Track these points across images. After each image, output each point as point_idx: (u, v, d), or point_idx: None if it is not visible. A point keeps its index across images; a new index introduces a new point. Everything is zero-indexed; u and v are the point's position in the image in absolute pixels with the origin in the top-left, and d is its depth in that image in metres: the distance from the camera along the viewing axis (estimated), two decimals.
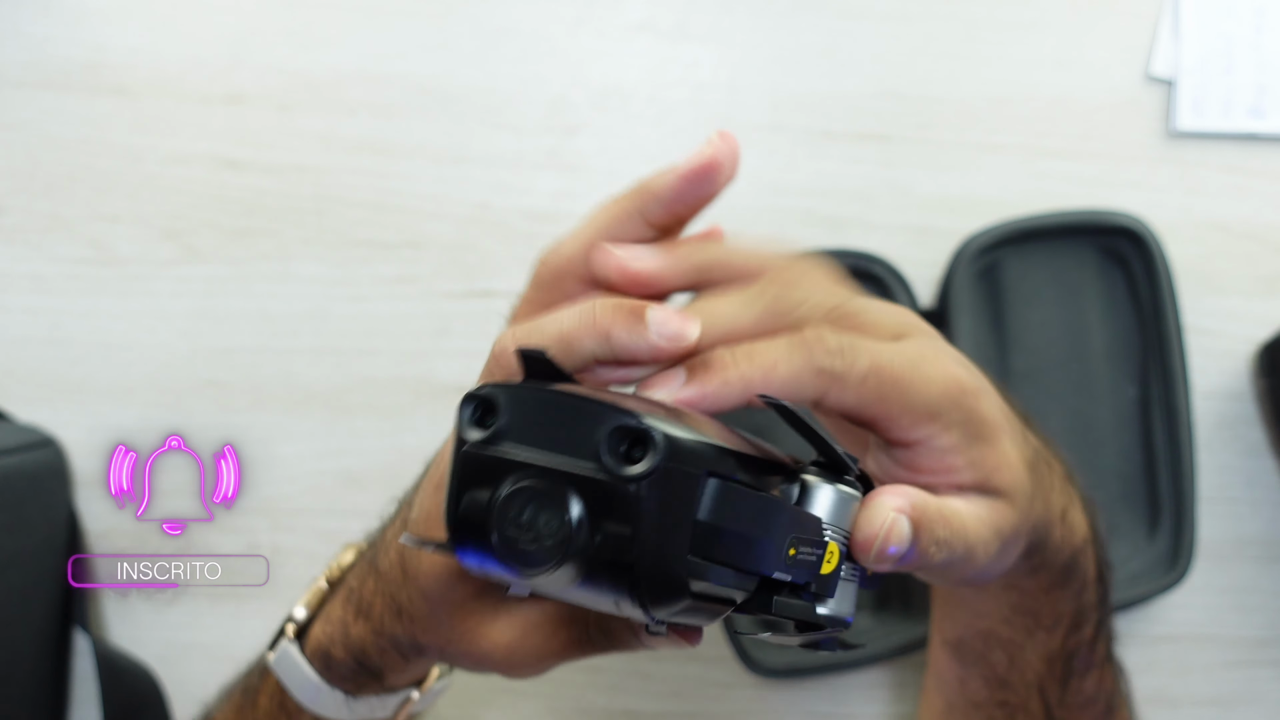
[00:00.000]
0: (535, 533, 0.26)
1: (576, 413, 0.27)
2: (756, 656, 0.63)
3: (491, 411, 0.28)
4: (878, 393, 0.32)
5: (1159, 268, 0.65)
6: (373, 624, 0.41)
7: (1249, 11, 0.69)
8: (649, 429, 0.25)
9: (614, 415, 0.26)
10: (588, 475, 0.26)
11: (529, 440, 0.27)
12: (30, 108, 0.67)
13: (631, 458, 0.25)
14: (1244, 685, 0.69)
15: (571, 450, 0.26)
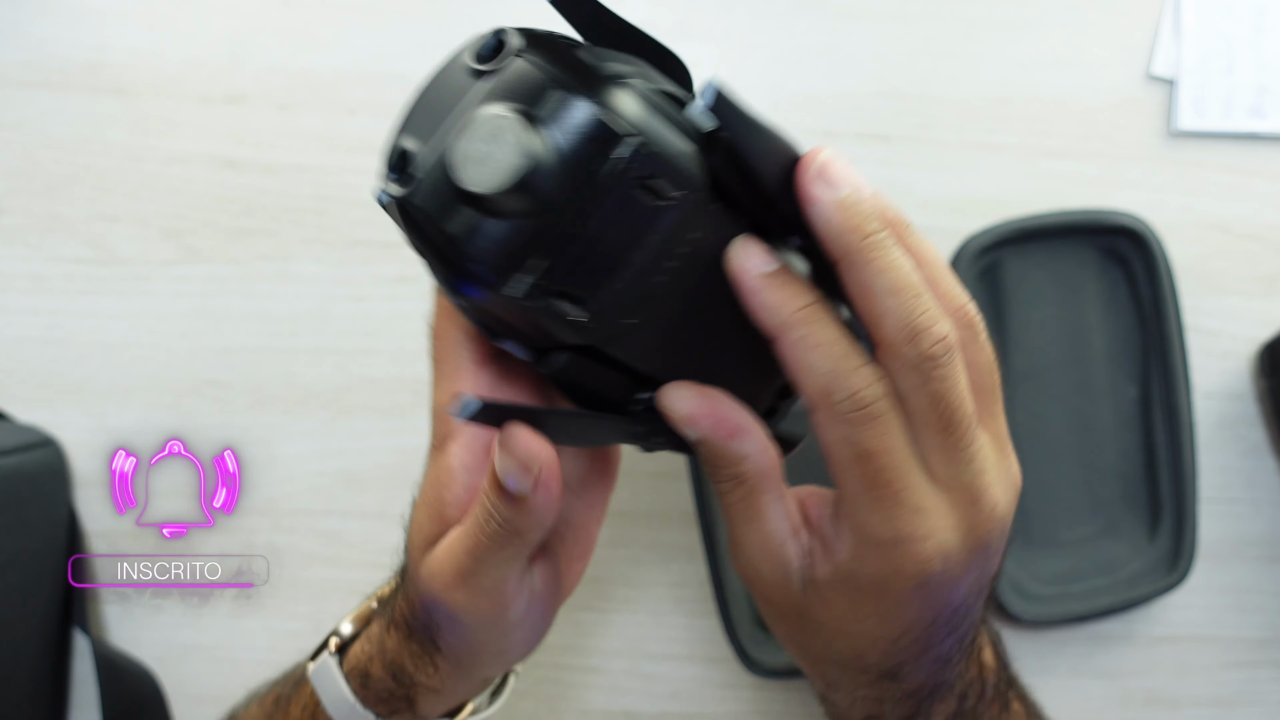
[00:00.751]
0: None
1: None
2: (756, 657, 0.63)
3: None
4: (843, 468, 0.32)
5: (1160, 267, 0.65)
6: (402, 630, 0.41)
7: (1250, 11, 0.69)
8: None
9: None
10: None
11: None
12: (30, 107, 0.67)
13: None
14: (1244, 686, 0.69)
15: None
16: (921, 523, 0.32)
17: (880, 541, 0.32)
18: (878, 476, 0.31)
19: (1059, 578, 0.66)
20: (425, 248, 0.29)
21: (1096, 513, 0.67)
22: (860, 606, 0.34)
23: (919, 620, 0.34)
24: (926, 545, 0.32)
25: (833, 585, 0.34)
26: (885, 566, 0.32)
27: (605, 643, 0.67)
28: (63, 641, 0.65)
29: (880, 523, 0.32)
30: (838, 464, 0.32)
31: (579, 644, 0.67)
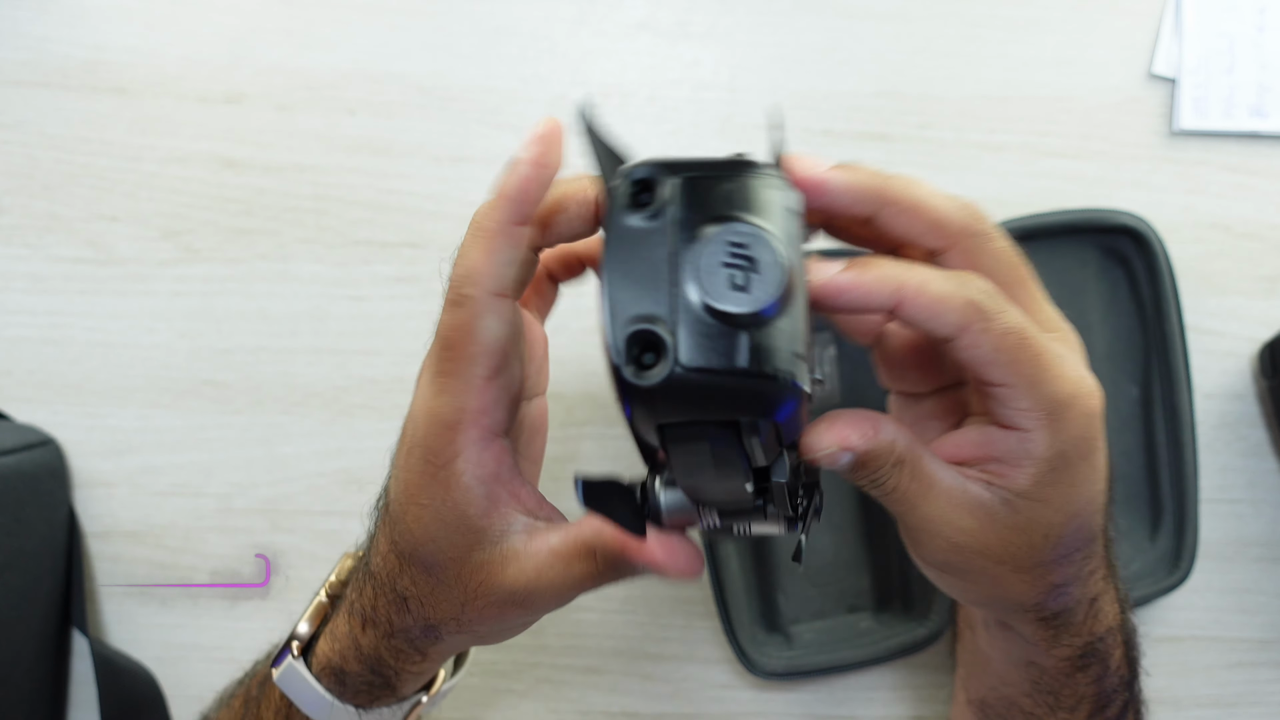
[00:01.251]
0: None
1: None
2: (756, 658, 0.63)
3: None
4: (1013, 355, 0.33)
5: (1161, 267, 0.65)
6: (382, 629, 0.41)
7: (1251, 11, 0.69)
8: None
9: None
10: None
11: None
12: (29, 107, 0.67)
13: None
14: (1246, 686, 0.69)
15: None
16: (1075, 364, 0.35)
17: (1068, 399, 0.34)
18: (1035, 346, 0.33)
19: None
20: (716, 402, 0.28)
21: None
22: (1076, 474, 0.35)
23: (1106, 449, 0.37)
24: (1088, 379, 0.35)
25: (1044, 479, 0.35)
26: (1081, 419, 0.35)
27: (605, 643, 0.67)
28: (61, 641, 0.64)
29: (1061, 383, 0.34)
30: (1006, 364, 0.33)
31: (579, 644, 0.67)
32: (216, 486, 0.67)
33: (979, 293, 0.33)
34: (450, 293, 0.34)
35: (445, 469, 0.35)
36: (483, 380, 0.35)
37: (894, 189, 0.34)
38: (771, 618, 0.65)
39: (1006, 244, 0.36)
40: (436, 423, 0.35)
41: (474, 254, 0.34)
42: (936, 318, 0.32)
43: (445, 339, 0.34)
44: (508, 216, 0.34)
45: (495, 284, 0.34)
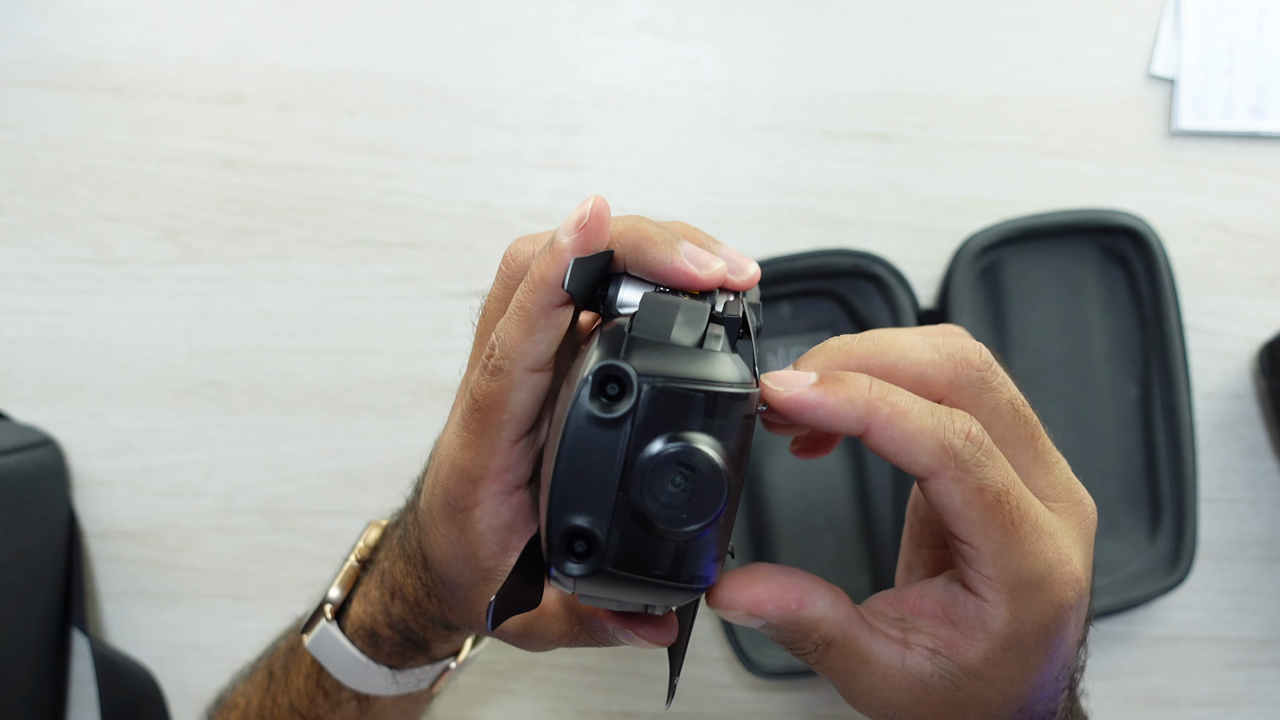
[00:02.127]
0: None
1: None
2: (756, 658, 0.63)
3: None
4: (983, 516, 0.31)
5: (1160, 267, 0.65)
6: (410, 604, 0.42)
7: (1250, 11, 0.69)
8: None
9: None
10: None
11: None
12: (29, 107, 0.67)
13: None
14: (1245, 686, 0.69)
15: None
16: (1059, 544, 0.32)
17: (1037, 580, 0.31)
18: (1014, 513, 0.31)
19: None
20: (633, 594, 0.30)
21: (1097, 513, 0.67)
22: (1029, 660, 0.33)
23: (1075, 643, 0.34)
24: (1071, 566, 0.32)
25: (993, 658, 0.32)
26: (1048, 605, 0.32)
27: None
28: (62, 641, 0.65)
29: (1033, 561, 0.31)
30: (975, 522, 0.31)
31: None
32: (216, 486, 0.67)
33: (957, 436, 0.30)
34: (487, 359, 0.35)
35: (464, 514, 0.37)
36: (508, 443, 0.35)
37: (880, 405, 0.30)
38: None
39: (1009, 395, 0.33)
40: (458, 473, 0.36)
41: (513, 332, 0.34)
42: (905, 454, 0.30)
43: (477, 402, 0.35)
44: (547, 301, 0.34)
45: (531, 363, 0.34)
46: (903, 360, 0.32)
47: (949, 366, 0.32)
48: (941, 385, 0.32)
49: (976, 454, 0.30)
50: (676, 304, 0.32)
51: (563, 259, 0.33)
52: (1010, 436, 0.33)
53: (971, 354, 0.32)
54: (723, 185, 0.69)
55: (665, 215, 0.68)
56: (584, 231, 0.33)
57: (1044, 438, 0.33)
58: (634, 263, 0.34)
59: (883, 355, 0.32)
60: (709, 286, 0.34)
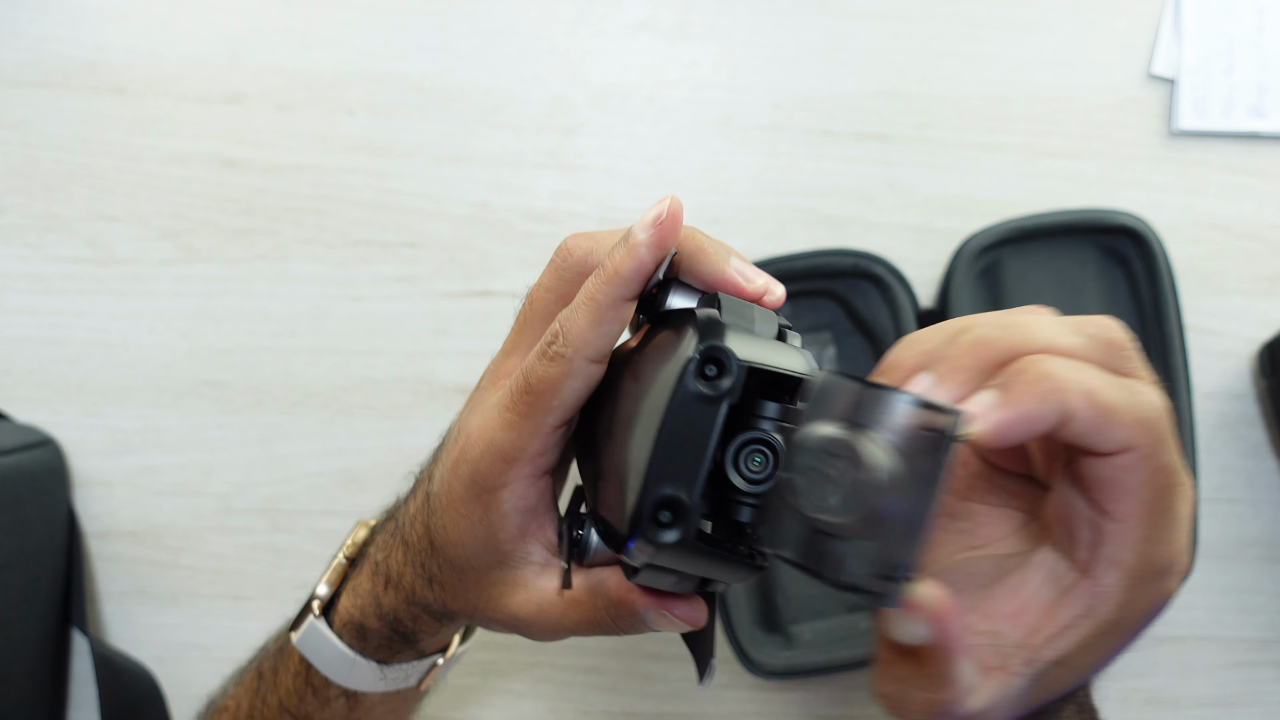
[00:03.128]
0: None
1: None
2: (756, 658, 0.63)
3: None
4: (1155, 498, 0.29)
5: (1160, 267, 0.65)
6: (404, 593, 0.42)
7: (1250, 11, 0.69)
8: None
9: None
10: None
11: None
12: (29, 107, 0.67)
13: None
14: (1246, 686, 0.69)
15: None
16: (1183, 535, 0.31)
17: (1161, 571, 0.31)
18: (1178, 500, 0.30)
19: None
20: (705, 568, 0.32)
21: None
22: (1113, 643, 0.32)
23: (1151, 617, 0.33)
24: (1183, 561, 0.31)
25: (1086, 645, 0.31)
26: (1158, 595, 0.31)
27: (604, 643, 0.67)
28: (61, 641, 0.64)
29: (1167, 551, 0.30)
30: (1144, 502, 0.29)
31: (578, 644, 0.67)
32: (216, 486, 0.67)
33: (1153, 410, 0.29)
34: (547, 345, 0.36)
35: (490, 494, 0.37)
36: (551, 428, 0.36)
37: (1071, 388, 0.28)
38: (771, 618, 0.65)
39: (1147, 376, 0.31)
40: (493, 452, 0.37)
41: (581, 321, 0.35)
42: (1101, 433, 0.28)
43: (530, 384, 0.36)
44: (619, 294, 0.34)
45: (593, 352, 0.35)
46: (1050, 348, 0.30)
47: (1094, 350, 0.30)
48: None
49: (1166, 431, 0.29)
50: (751, 305, 0.34)
51: (639, 254, 0.34)
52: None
53: (1114, 331, 0.31)
54: (723, 185, 0.69)
55: None
56: (660, 228, 0.33)
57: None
58: (688, 269, 0.35)
59: (1029, 345, 0.30)
60: (753, 298, 0.35)
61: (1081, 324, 0.32)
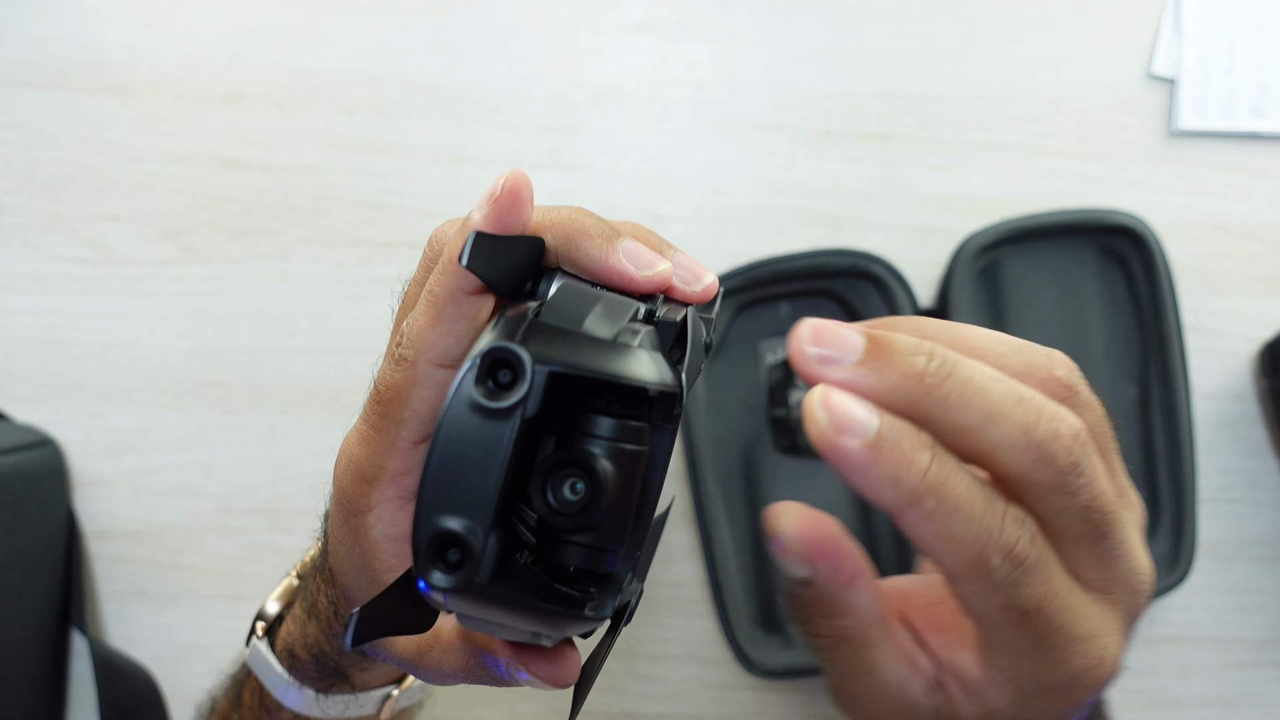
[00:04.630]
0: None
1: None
2: (755, 658, 0.63)
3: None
4: (1005, 629, 0.27)
5: (1158, 267, 0.65)
6: (322, 625, 0.39)
7: (1250, 11, 0.69)
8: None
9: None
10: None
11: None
12: (29, 107, 0.67)
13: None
14: (1246, 686, 0.69)
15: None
16: (1095, 648, 0.28)
17: (1051, 686, 0.28)
18: (1046, 628, 0.27)
19: None
20: (519, 611, 0.27)
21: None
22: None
23: (1077, 714, 0.31)
24: (1103, 669, 0.28)
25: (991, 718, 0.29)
26: (1057, 704, 0.29)
27: None
28: (61, 641, 0.64)
29: (1051, 670, 0.28)
30: (994, 628, 0.27)
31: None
32: (216, 486, 0.67)
33: (997, 553, 0.25)
34: (394, 347, 0.32)
35: (357, 519, 0.34)
36: (408, 443, 0.32)
37: (927, 496, 0.25)
38: (770, 618, 0.65)
39: (1094, 411, 0.28)
40: (352, 471, 0.33)
41: (420, 319, 0.31)
42: (932, 551, 0.26)
43: (379, 394, 0.32)
44: (455, 285, 0.30)
45: (438, 355, 0.31)
46: (986, 425, 0.26)
47: (1026, 458, 0.26)
48: (1005, 474, 0.26)
49: (1014, 573, 0.26)
50: (598, 295, 0.29)
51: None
52: (1076, 536, 0.27)
53: (1061, 439, 0.26)
54: (722, 185, 0.69)
55: (665, 215, 0.68)
56: (496, 205, 0.29)
57: (1118, 526, 0.28)
58: (566, 256, 0.31)
59: (969, 406, 0.26)
60: (647, 289, 0.31)
61: (1025, 351, 0.29)
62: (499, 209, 0.29)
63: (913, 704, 0.30)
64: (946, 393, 0.25)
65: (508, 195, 0.29)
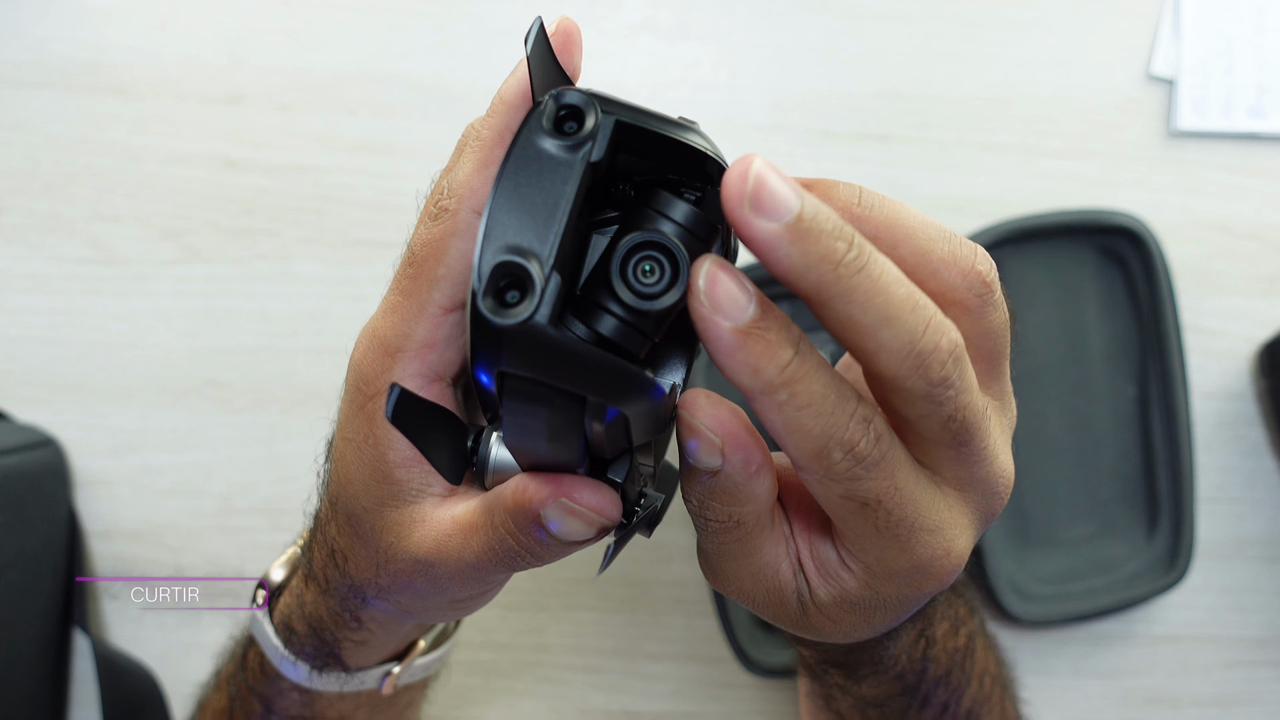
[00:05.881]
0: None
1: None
2: (755, 657, 0.63)
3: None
4: (849, 516, 0.28)
5: (1157, 268, 0.65)
6: (319, 584, 0.38)
7: (1249, 11, 0.69)
8: None
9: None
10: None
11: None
12: (30, 107, 0.67)
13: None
14: (1244, 685, 0.69)
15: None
16: (940, 539, 0.29)
17: (897, 571, 0.29)
18: (888, 519, 0.28)
19: (1057, 577, 0.66)
20: (568, 370, 0.25)
21: (1094, 512, 0.67)
22: (871, 618, 0.32)
23: (925, 599, 0.32)
24: (949, 559, 0.29)
25: (840, 606, 0.31)
26: (905, 589, 0.30)
27: (605, 642, 0.67)
28: (63, 640, 0.65)
29: (896, 556, 0.29)
30: (838, 514, 0.28)
31: (579, 644, 0.67)
32: (217, 486, 0.67)
33: (839, 448, 0.26)
34: (430, 205, 0.30)
35: (373, 401, 0.32)
36: (439, 309, 0.30)
37: (780, 388, 0.25)
38: None
39: (1001, 313, 0.29)
40: (375, 345, 0.31)
41: (465, 166, 0.29)
42: (778, 439, 0.26)
43: (412, 254, 0.30)
44: (506, 125, 0.29)
45: (481, 201, 0.29)
46: (877, 327, 0.26)
47: (903, 365, 0.26)
48: (880, 374, 0.26)
49: (854, 469, 0.26)
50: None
51: (523, 73, 0.28)
52: (936, 439, 0.28)
53: (939, 353, 0.26)
54: None
55: None
56: (552, 38, 0.28)
57: (982, 434, 0.28)
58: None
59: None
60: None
61: (954, 240, 0.28)
62: (555, 45, 0.28)
63: (783, 585, 0.31)
64: (853, 287, 0.25)
65: (563, 34, 0.28)
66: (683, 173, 0.27)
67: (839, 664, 0.40)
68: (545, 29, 0.27)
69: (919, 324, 0.26)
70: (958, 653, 0.41)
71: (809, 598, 0.31)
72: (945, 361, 0.26)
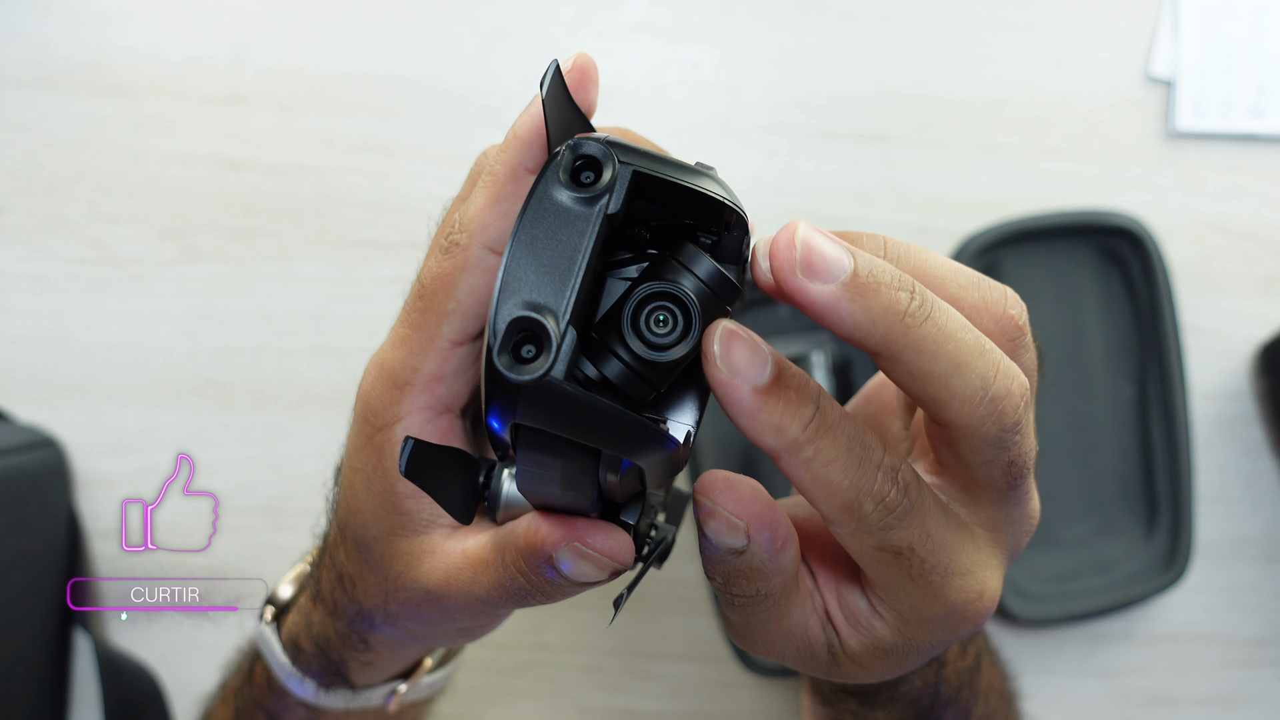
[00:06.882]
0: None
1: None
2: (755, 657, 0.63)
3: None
4: (880, 567, 0.28)
5: (1156, 268, 0.65)
6: (326, 605, 0.38)
7: (1248, 12, 0.69)
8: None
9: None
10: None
11: None
12: (31, 108, 0.67)
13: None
14: (1243, 685, 0.69)
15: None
16: (973, 582, 0.29)
17: (931, 618, 0.29)
18: (921, 566, 0.27)
19: (1057, 577, 0.66)
20: (583, 424, 0.25)
21: (1094, 512, 0.67)
22: (904, 662, 0.31)
23: (957, 641, 0.32)
24: (982, 602, 0.29)
25: (873, 654, 0.31)
26: (939, 633, 0.30)
27: (605, 642, 0.67)
28: (63, 640, 0.65)
29: (930, 603, 0.28)
30: (870, 565, 0.28)
31: (579, 643, 0.67)
32: (218, 486, 0.67)
33: (870, 500, 0.26)
34: (441, 237, 0.30)
35: (381, 433, 0.32)
36: (448, 343, 0.30)
37: (806, 445, 0.25)
38: None
39: (1032, 355, 0.29)
40: (384, 377, 0.31)
41: (477, 200, 0.29)
42: (808, 495, 0.26)
43: (423, 287, 0.30)
44: (519, 160, 0.29)
45: (492, 238, 0.29)
46: (950, 376, 0.25)
47: (977, 412, 0.26)
48: (950, 423, 0.27)
49: (886, 519, 0.26)
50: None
51: (538, 110, 0.28)
52: (990, 483, 0.28)
53: (1012, 399, 0.26)
54: None
55: None
56: (567, 77, 0.28)
57: (1031, 474, 0.29)
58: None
59: (938, 352, 0.26)
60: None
61: (983, 286, 0.28)
62: (570, 84, 0.28)
63: (812, 640, 0.31)
64: (922, 336, 0.24)
65: (579, 72, 0.28)
66: (699, 219, 0.27)
67: (855, 693, 0.40)
68: (561, 71, 0.27)
69: (989, 370, 0.25)
70: (967, 672, 0.41)
71: (839, 649, 0.31)
72: (1019, 406, 0.26)
